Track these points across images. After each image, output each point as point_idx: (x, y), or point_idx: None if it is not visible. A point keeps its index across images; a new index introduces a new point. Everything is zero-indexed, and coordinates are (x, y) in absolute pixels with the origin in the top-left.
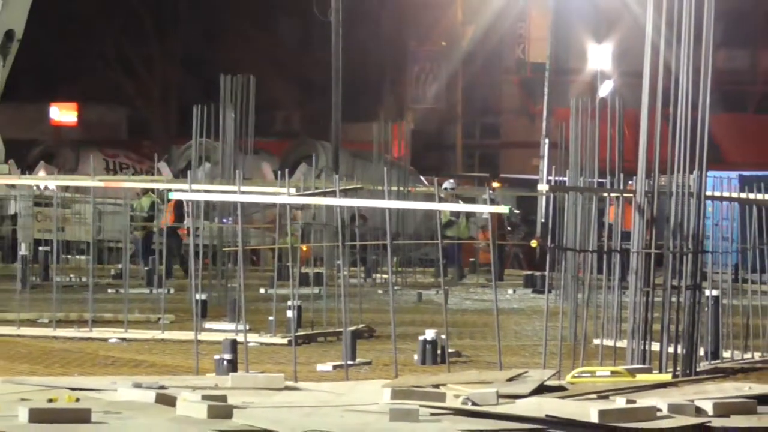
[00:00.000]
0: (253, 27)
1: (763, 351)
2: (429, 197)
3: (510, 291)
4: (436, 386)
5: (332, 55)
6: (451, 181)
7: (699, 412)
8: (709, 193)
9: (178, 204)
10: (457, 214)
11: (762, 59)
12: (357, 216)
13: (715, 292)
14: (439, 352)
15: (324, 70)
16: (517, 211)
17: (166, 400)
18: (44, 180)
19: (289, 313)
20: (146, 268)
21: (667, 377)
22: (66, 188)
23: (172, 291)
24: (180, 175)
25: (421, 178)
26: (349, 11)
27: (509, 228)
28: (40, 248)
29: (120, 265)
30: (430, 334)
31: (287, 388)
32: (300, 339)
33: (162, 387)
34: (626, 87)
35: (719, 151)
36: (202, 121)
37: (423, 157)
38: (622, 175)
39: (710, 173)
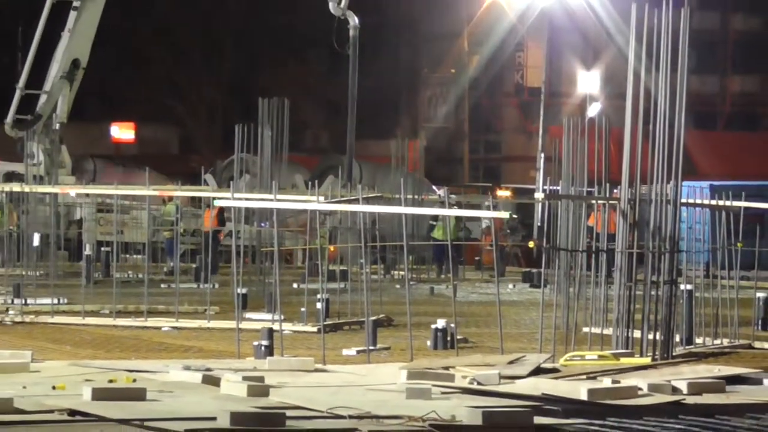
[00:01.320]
0: (287, 56)
1: (731, 337)
2: (440, 204)
3: (510, 286)
4: (447, 368)
5: (349, 85)
6: (445, 189)
7: (675, 390)
8: (683, 200)
9: (220, 211)
10: (436, 218)
11: (730, 84)
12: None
13: (689, 287)
14: (448, 338)
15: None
16: (514, 216)
17: (212, 380)
18: (107, 189)
19: (319, 305)
20: (194, 266)
21: (647, 360)
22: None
23: (216, 286)
24: (224, 185)
25: (433, 187)
26: (370, 42)
27: (509, 231)
28: (102, 249)
29: (171, 263)
30: (441, 323)
31: (317, 370)
32: (328, 327)
33: (208, 369)
34: (612, 108)
35: (692, 164)
36: (243, 138)
37: (435, 170)
38: (608, 185)
39: (685, 183)
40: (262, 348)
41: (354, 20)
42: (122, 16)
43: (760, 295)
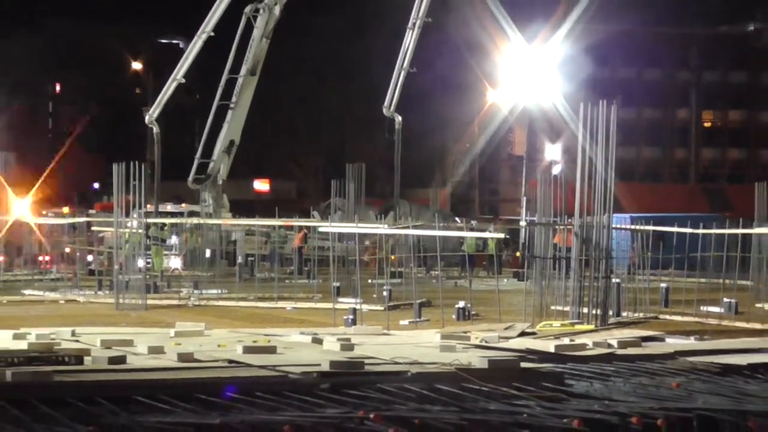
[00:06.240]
0: (363, 137)
1: (644, 312)
2: (459, 229)
3: (505, 280)
4: (465, 332)
5: (394, 157)
6: (458, 219)
7: (610, 346)
8: (614, 225)
9: (304, 234)
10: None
11: (642, 153)
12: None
13: (617, 280)
14: (466, 313)
15: (403, 160)
16: (507, 236)
17: (318, 341)
18: (251, 221)
19: (384, 293)
20: (306, 268)
21: (591, 327)
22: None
23: (320, 281)
24: (325, 218)
25: (456, 219)
26: (415, 127)
27: (504, 245)
28: (249, 258)
29: (292, 267)
30: (461, 303)
31: (383, 334)
32: (390, 307)
33: (315, 334)
34: (568, 168)
35: (619, 203)
36: (337, 188)
37: (457, 207)
38: (566, 216)
39: (615, 215)
40: (349, 320)
41: (398, 118)
42: (262, 112)
43: (663, 285)
